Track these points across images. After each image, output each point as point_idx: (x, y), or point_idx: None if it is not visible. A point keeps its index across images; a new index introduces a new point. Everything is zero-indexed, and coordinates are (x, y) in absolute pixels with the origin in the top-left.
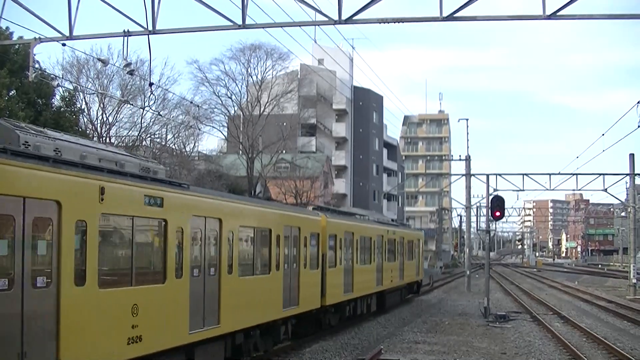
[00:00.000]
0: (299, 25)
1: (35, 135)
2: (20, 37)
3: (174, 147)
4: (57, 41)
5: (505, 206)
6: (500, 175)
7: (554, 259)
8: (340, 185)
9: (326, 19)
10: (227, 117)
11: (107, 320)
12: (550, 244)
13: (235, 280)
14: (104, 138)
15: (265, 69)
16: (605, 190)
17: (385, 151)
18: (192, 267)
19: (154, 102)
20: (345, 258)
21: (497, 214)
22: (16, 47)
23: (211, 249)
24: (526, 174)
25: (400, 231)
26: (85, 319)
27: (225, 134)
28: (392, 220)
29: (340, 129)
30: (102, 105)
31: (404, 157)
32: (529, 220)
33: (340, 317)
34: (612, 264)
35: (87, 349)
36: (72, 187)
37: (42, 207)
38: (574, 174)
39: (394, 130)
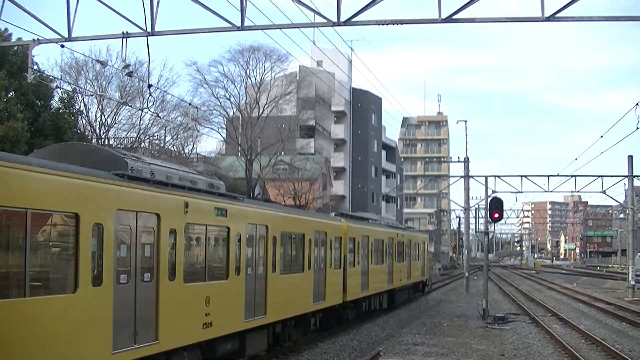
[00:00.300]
0: (298, 27)
1: (135, 160)
2: (19, 39)
3: (172, 148)
4: (56, 43)
5: (504, 208)
6: (499, 177)
7: (552, 261)
8: (339, 187)
9: (325, 20)
10: (225, 119)
11: (189, 308)
12: (548, 246)
13: (278, 278)
14: (102, 140)
15: (264, 70)
16: (604, 192)
17: (384, 153)
18: (246, 266)
19: (153, 103)
20: (362, 259)
21: (496, 215)
22: (15, 48)
23: (260, 251)
24: (525, 176)
25: (408, 234)
26: (174, 308)
27: (224, 135)
28: (405, 222)
29: (339, 131)
30: (100, 107)
31: (402, 159)
32: (528, 222)
33: (357, 312)
34: (610, 265)
35: (176, 331)
36: (167, 202)
37: (147, 219)
38: (572, 176)
39: (392, 132)
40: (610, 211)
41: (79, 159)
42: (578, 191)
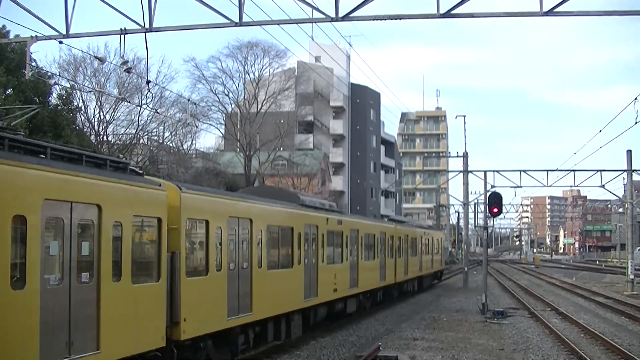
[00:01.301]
0: (296, 23)
1: (304, 195)
2: (17, 36)
3: (171, 145)
4: (54, 39)
5: (503, 203)
6: (497, 171)
7: (551, 255)
8: (338, 183)
9: (323, 16)
10: (224, 115)
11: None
12: (548, 241)
13: (362, 264)
14: (101, 136)
15: (263, 66)
16: (603, 186)
17: (382, 148)
18: (305, 258)
19: (151, 100)
20: (404, 252)
21: (495, 210)
22: (13, 45)
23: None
24: (524, 171)
25: (431, 232)
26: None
27: (223, 131)
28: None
29: (338, 126)
30: (99, 104)
31: (401, 154)
32: (527, 217)
33: (400, 292)
34: (609, 260)
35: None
36: (319, 219)
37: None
38: (571, 171)
39: (391, 127)
40: (609, 206)
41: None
42: (577, 186)
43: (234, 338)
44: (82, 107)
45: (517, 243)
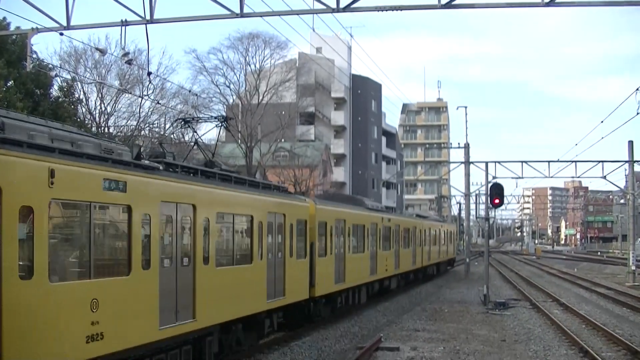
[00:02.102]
0: (297, 14)
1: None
2: (18, 28)
3: (172, 136)
4: (55, 31)
5: (505, 194)
6: (499, 162)
7: (553, 246)
8: (339, 174)
9: (324, 7)
10: (225, 106)
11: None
12: (549, 232)
13: (401, 251)
14: (102, 128)
15: (264, 57)
16: (604, 177)
17: (384, 139)
18: (371, 247)
19: (152, 91)
20: (430, 243)
21: (496, 201)
22: (13, 37)
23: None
24: (525, 162)
25: (446, 225)
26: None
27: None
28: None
29: (339, 118)
30: (100, 95)
31: (402, 145)
32: (528, 208)
33: (424, 275)
34: (611, 251)
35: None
36: (378, 219)
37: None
38: (572, 162)
39: (392, 119)
40: (610, 196)
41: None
42: (578, 177)
43: (335, 297)
44: (83, 99)
45: (519, 234)
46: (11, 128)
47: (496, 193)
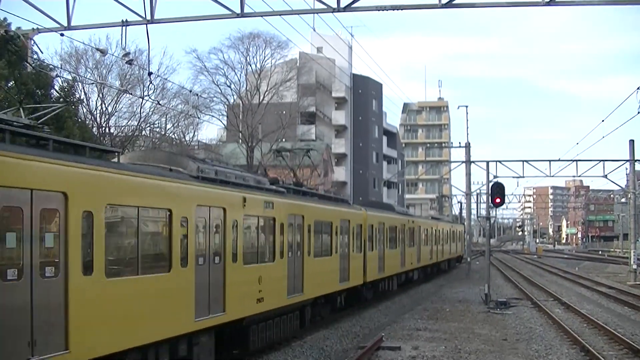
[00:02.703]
0: (298, 14)
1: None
2: (19, 28)
3: (173, 136)
4: (55, 31)
5: (505, 193)
6: (500, 162)
7: (554, 246)
8: (340, 173)
9: (325, 6)
10: (226, 106)
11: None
12: (550, 231)
13: (422, 248)
14: (103, 128)
15: (264, 57)
16: (605, 176)
17: (384, 139)
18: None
19: (153, 91)
20: (443, 241)
21: (497, 200)
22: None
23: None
24: (526, 161)
25: (455, 225)
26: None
27: (225, 122)
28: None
29: (340, 117)
30: (101, 96)
31: (403, 145)
32: (529, 207)
33: (438, 269)
34: (612, 250)
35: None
36: (405, 221)
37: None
38: (573, 161)
39: (393, 118)
40: (611, 195)
41: (376, 205)
42: (579, 176)
43: (377, 284)
44: (84, 99)
45: (520, 233)
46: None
47: (497, 192)
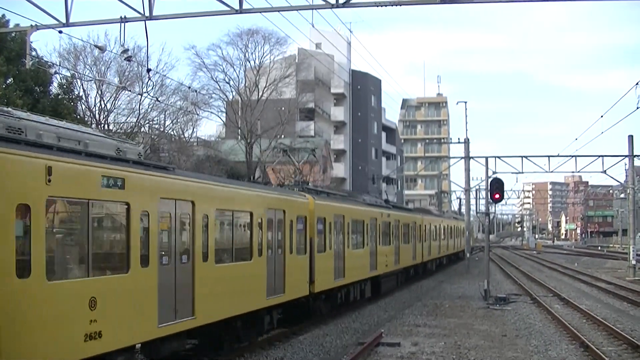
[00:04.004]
0: (296, 10)
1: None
2: (17, 25)
3: (172, 133)
4: (54, 28)
5: (505, 188)
6: (499, 157)
7: (553, 241)
8: (340, 169)
9: (323, 2)
10: (225, 103)
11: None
12: (549, 226)
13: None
14: (102, 125)
15: (263, 53)
16: (605, 172)
17: (384, 135)
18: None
19: (152, 88)
20: (448, 235)
21: (497, 196)
22: (12, 34)
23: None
24: (525, 156)
25: (457, 222)
26: None
27: (224, 119)
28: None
29: (339, 113)
30: (100, 92)
31: (402, 141)
32: (529, 203)
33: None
34: (611, 245)
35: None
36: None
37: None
38: (573, 156)
39: (392, 114)
40: (610, 191)
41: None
42: (578, 171)
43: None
44: (83, 96)
45: (519, 229)
46: None
47: (496, 188)
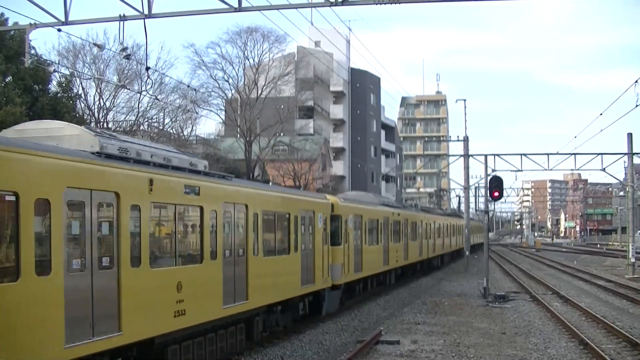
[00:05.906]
0: (295, 8)
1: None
2: (15, 23)
3: (171, 131)
4: (53, 27)
5: (504, 186)
6: (498, 155)
7: (552, 239)
8: (339, 167)
9: (323, 0)
10: (224, 101)
11: None
12: (549, 224)
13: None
14: (101, 123)
15: (262, 51)
16: (604, 169)
17: (383, 133)
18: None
19: (151, 86)
20: (447, 235)
21: (496, 194)
22: (11, 33)
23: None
24: (524, 154)
25: (460, 221)
26: None
27: (223, 117)
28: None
29: (338, 111)
30: (99, 91)
31: (401, 139)
32: (528, 201)
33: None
34: (610, 243)
35: None
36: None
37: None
38: (572, 154)
39: (391, 112)
40: (610, 189)
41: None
42: (578, 169)
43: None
44: (82, 94)
45: (518, 227)
46: None
47: (496, 186)
